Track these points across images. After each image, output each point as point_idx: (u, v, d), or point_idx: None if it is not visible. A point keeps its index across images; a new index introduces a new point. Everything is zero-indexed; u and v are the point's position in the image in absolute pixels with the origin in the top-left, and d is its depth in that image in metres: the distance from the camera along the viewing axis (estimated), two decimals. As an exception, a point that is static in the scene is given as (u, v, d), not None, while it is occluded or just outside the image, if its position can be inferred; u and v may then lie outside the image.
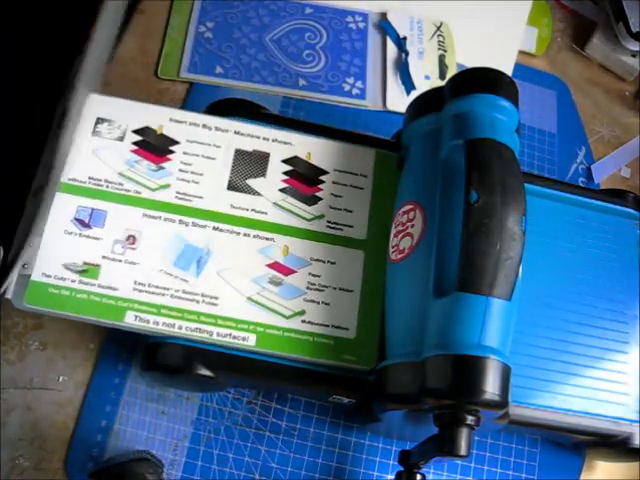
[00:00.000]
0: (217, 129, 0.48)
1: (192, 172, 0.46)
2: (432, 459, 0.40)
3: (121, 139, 0.46)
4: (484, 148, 0.40)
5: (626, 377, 0.47)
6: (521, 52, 0.68)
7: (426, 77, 0.63)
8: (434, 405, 0.38)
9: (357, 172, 0.48)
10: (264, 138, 0.48)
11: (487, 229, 0.38)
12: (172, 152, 0.47)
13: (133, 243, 0.44)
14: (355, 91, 0.61)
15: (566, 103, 0.68)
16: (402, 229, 0.44)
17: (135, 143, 0.46)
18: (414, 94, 0.61)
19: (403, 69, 0.62)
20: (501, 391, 0.36)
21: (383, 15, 0.65)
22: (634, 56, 0.69)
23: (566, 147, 0.65)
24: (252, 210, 0.46)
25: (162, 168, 0.46)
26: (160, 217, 0.45)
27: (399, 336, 0.42)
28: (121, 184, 0.45)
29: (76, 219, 0.44)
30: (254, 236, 0.45)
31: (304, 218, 0.46)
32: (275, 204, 0.46)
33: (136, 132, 0.47)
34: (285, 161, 0.48)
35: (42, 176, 0.42)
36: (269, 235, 0.45)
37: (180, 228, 0.45)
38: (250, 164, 0.47)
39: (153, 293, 0.43)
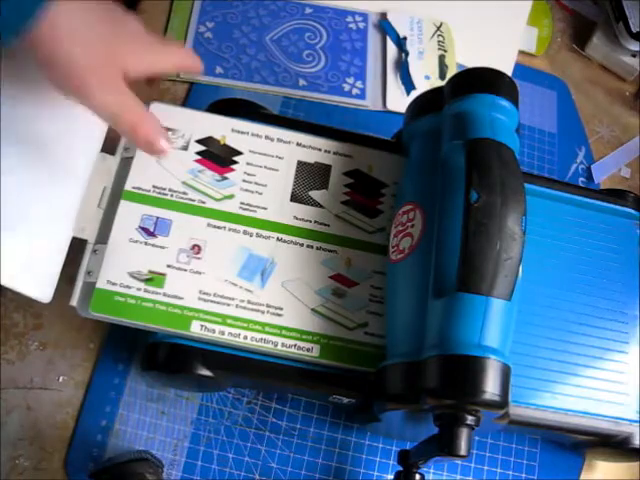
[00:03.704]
0: (279, 140, 0.48)
1: (256, 183, 0.46)
2: (432, 459, 0.40)
3: (185, 148, 0.46)
4: (484, 148, 0.40)
5: (626, 377, 0.47)
6: (521, 52, 0.68)
7: (426, 77, 0.63)
8: (434, 405, 0.38)
9: None
10: (325, 150, 0.48)
11: (487, 229, 0.38)
12: (235, 162, 0.47)
13: (198, 252, 0.44)
14: (355, 91, 0.61)
15: (566, 103, 0.68)
16: (402, 229, 0.44)
17: (199, 153, 0.46)
18: (414, 94, 0.61)
19: (403, 69, 0.62)
20: (501, 391, 0.36)
21: (383, 15, 0.65)
22: (634, 56, 0.69)
23: (566, 147, 0.65)
24: (315, 222, 0.46)
25: (226, 178, 0.46)
26: (224, 227, 0.45)
27: (399, 336, 0.42)
28: (185, 193, 0.45)
29: (141, 227, 0.44)
30: (317, 248, 0.45)
31: (366, 230, 0.46)
32: (337, 216, 0.46)
33: (200, 142, 0.47)
34: (346, 174, 0.48)
35: None
36: (332, 247, 0.46)
37: (244, 239, 0.45)
38: (312, 176, 0.47)
39: (218, 303, 0.43)
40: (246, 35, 0.62)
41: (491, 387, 0.36)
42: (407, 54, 0.63)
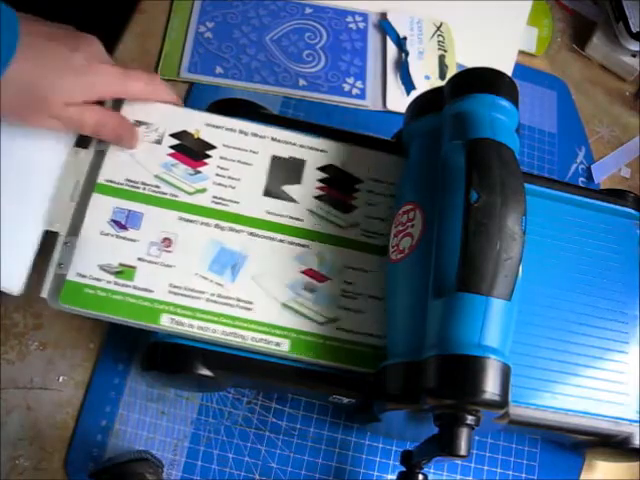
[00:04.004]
0: (254, 135, 0.48)
1: (229, 177, 0.46)
2: (433, 459, 0.40)
3: (159, 142, 0.47)
4: (484, 148, 0.40)
5: (626, 377, 0.47)
6: (521, 52, 0.68)
7: (426, 77, 0.63)
8: (434, 405, 0.38)
9: (392, 181, 0.48)
10: (300, 145, 0.48)
11: (487, 229, 0.38)
12: (209, 156, 0.47)
13: (169, 246, 0.44)
14: (355, 91, 0.61)
15: (566, 103, 0.68)
16: (402, 229, 0.44)
17: (173, 147, 0.47)
18: (414, 94, 0.61)
19: (403, 69, 0.62)
20: (501, 391, 0.36)
21: (383, 15, 0.65)
22: (634, 56, 0.69)
23: (566, 147, 0.65)
24: (288, 217, 0.46)
25: (199, 172, 0.46)
26: (196, 221, 0.45)
27: (399, 336, 0.42)
28: (158, 187, 0.45)
29: (113, 220, 0.44)
30: (289, 242, 0.45)
31: (339, 226, 0.46)
32: (310, 211, 0.46)
33: (174, 136, 0.47)
34: (320, 169, 0.48)
35: None
36: (304, 242, 0.46)
37: (216, 232, 0.45)
38: (286, 171, 0.47)
39: (188, 296, 0.43)
40: (246, 35, 0.62)
41: (491, 387, 0.36)
42: (407, 54, 0.63)
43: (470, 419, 0.37)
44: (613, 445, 0.46)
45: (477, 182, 0.39)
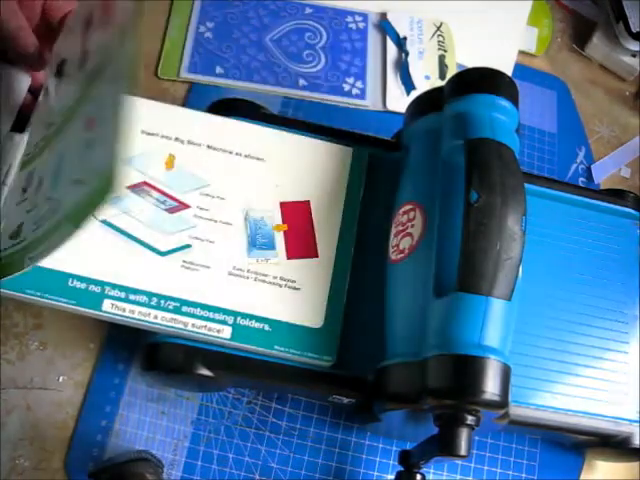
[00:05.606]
0: None
1: None
2: (432, 459, 0.40)
3: None
4: (484, 148, 0.40)
5: (626, 377, 0.47)
6: (521, 52, 0.68)
7: (426, 77, 0.63)
8: (434, 405, 0.38)
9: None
10: None
11: (487, 229, 0.38)
12: None
13: None
14: (355, 91, 0.61)
15: (566, 103, 0.68)
16: (402, 229, 0.44)
17: None
18: (414, 94, 0.61)
19: (403, 69, 0.62)
20: (501, 391, 0.36)
21: (383, 15, 0.65)
22: (634, 56, 0.69)
23: (566, 147, 0.65)
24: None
25: None
26: None
27: (399, 336, 0.42)
28: None
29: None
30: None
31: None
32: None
33: None
34: None
35: None
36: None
37: None
38: None
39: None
40: (246, 35, 0.62)
41: (491, 387, 0.36)
42: (407, 54, 0.63)
43: (470, 419, 0.37)
44: (613, 445, 0.46)
45: (477, 182, 0.39)
